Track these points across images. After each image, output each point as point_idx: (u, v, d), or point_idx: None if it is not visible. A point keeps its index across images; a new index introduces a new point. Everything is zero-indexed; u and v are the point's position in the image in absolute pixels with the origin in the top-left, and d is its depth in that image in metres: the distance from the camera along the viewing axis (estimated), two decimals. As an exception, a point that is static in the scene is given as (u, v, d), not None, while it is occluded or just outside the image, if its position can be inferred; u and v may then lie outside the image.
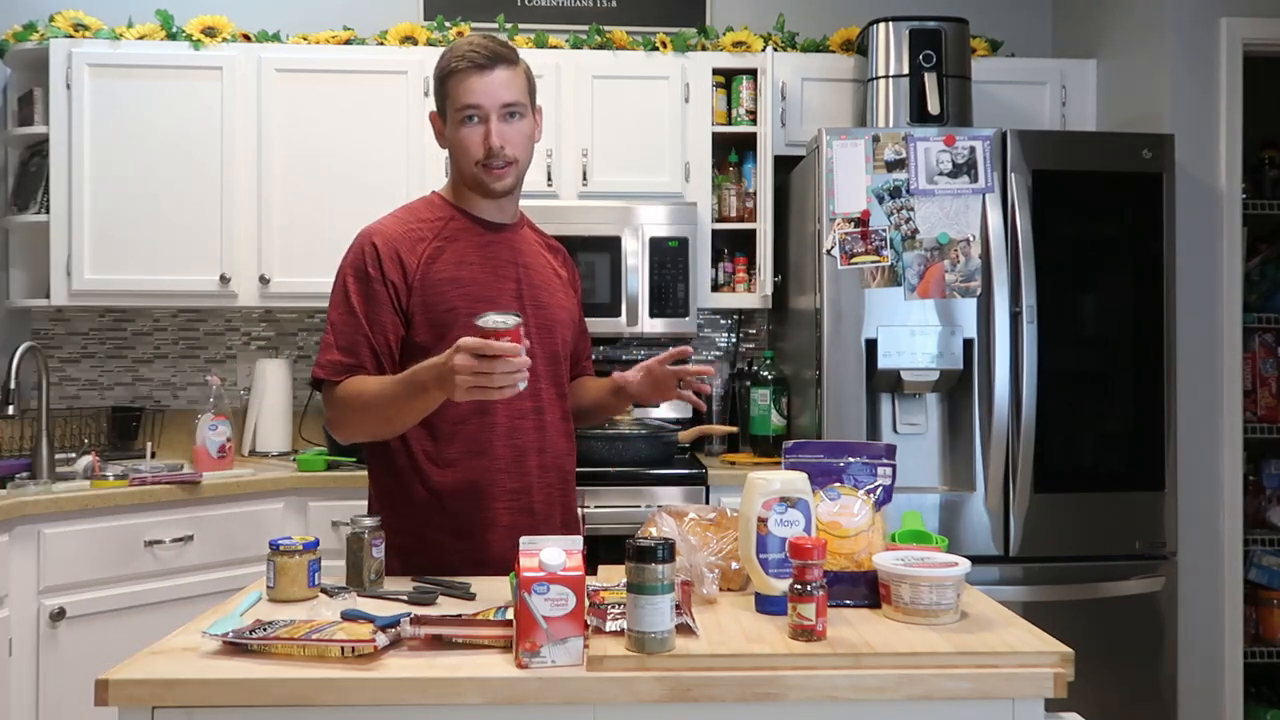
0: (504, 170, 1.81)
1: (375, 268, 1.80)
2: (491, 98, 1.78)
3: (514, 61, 1.81)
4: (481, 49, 1.78)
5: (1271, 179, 3.40)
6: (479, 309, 1.64)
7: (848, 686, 1.27)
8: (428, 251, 1.81)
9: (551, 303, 1.90)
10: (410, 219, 1.86)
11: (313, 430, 3.46)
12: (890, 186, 2.80)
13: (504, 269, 1.85)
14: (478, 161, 1.80)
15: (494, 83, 1.77)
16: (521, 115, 1.82)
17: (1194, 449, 3.01)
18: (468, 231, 1.85)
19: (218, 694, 1.24)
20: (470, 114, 1.78)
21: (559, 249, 2.03)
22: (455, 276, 1.80)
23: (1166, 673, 2.85)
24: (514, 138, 1.80)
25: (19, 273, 3.44)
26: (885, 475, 1.60)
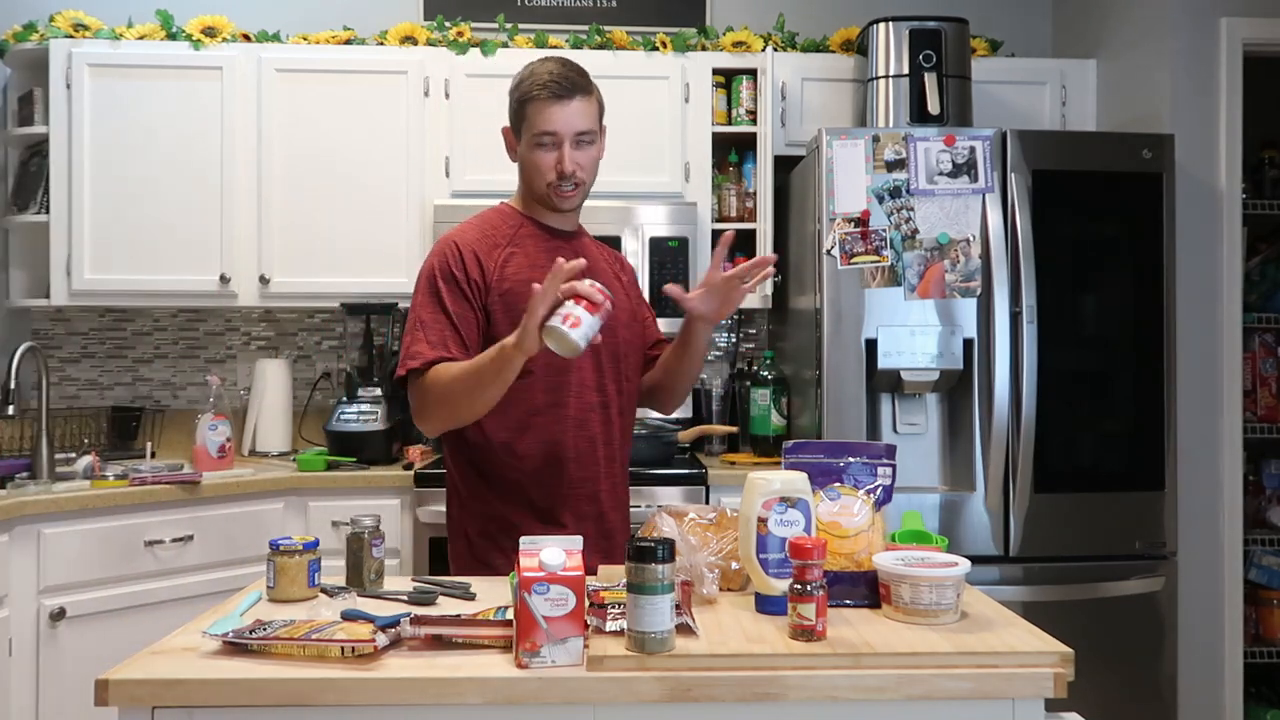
0: (573, 192, 1.96)
1: (459, 268, 1.92)
2: (567, 126, 1.91)
3: (589, 91, 1.96)
4: (562, 79, 1.90)
5: (1271, 179, 3.40)
6: None
7: (848, 686, 1.27)
8: (503, 255, 1.94)
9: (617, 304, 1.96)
10: (485, 226, 1.99)
11: (313, 430, 3.46)
12: (890, 186, 2.80)
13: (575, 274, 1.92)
14: (549, 183, 1.94)
15: (571, 112, 1.91)
16: (592, 141, 1.97)
17: (1194, 449, 3.01)
18: (537, 237, 1.98)
19: (218, 694, 1.24)
20: (546, 140, 1.91)
21: (616, 254, 2.18)
22: (530, 278, 1.84)
23: (1166, 673, 2.85)
24: (584, 162, 1.95)
25: (19, 273, 3.44)
26: (885, 475, 1.60)
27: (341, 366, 3.55)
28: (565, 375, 1.92)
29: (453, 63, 3.34)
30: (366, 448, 3.13)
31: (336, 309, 3.43)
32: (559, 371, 1.91)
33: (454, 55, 3.35)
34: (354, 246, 3.31)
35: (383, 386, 3.25)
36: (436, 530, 2.93)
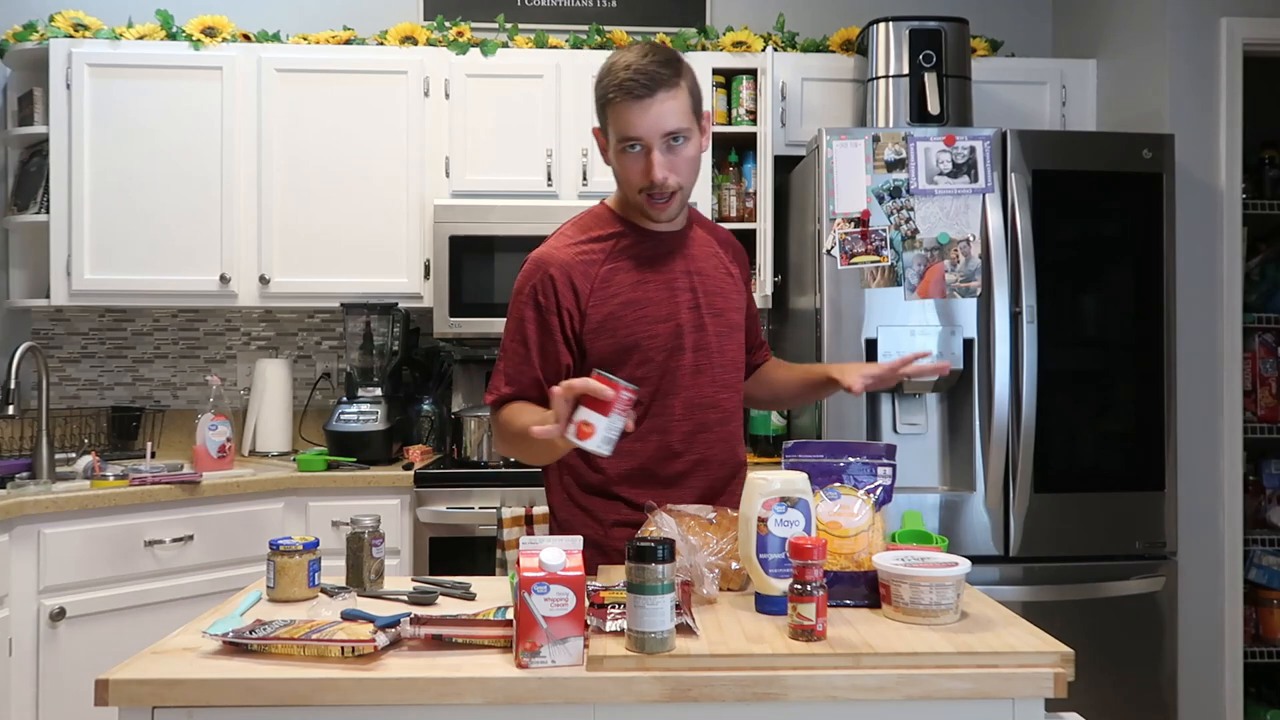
0: (668, 202, 1.75)
1: (549, 297, 1.76)
2: (653, 128, 1.69)
3: (676, 82, 1.70)
4: (640, 75, 1.67)
5: (1271, 179, 3.40)
6: (658, 330, 1.75)
7: (848, 686, 1.27)
8: (600, 275, 1.78)
9: (728, 307, 1.87)
10: (581, 239, 1.81)
11: (313, 430, 3.46)
12: (890, 186, 2.80)
13: (678, 281, 1.81)
14: (640, 190, 1.74)
15: (655, 112, 1.67)
16: (687, 138, 1.73)
17: (1194, 449, 3.01)
18: (637, 247, 1.81)
19: (218, 694, 1.24)
20: (632, 145, 1.71)
21: (730, 242, 1.97)
22: (631, 299, 1.78)
23: (1166, 673, 2.85)
24: (678, 165, 1.73)
25: (19, 273, 3.44)
26: (885, 475, 1.60)
27: (341, 366, 3.55)
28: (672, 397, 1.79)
29: (453, 63, 3.34)
30: (366, 448, 3.13)
31: (336, 309, 3.43)
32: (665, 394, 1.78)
33: (454, 55, 3.35)
34: (354, 246, 3.31)
35: (383, 386, 3.25)
36: (436, 530, 2.93)
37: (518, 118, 3.34)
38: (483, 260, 3.22)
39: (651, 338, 1.76)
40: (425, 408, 3.46)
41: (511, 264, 3.22)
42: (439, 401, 3.50)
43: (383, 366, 3.28)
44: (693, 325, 1.81)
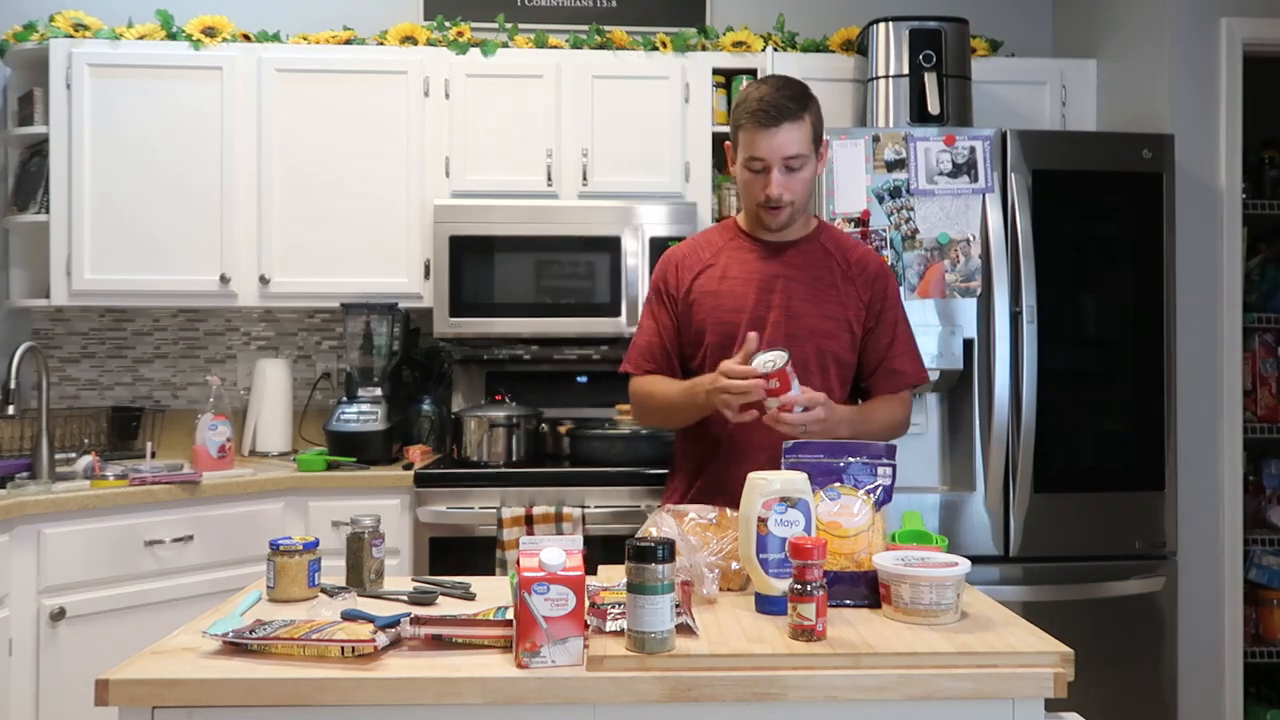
0: (779, 213, 2.01)
1: (662, 281, 2.14)
2: (775, 153, 1.95)
3: (800, 115, 1.96)
4: (770, 107, 1.93)
5: (1271, 179, 3.40)
6: (725, 317, 2.03)
7: (848, 686, 1.27)
8: (700, 269, 2.10)
9: (811, 311, 2.03)
10: (701, 241, 2.17)
11: (313, 430, 3.46)
12: (890, 186, 2.80)
13: (764, 281, 2.05)
14: (758, 203, 2.01)
15: (779, 139, 1.94)
16: (803, 164, 1.98)
17: (1194, 449, 3.01)
18: (743, 250, 2.09)
19: (218, 694, 1.24)
20: (755, 165, 1.98)
21: (861, 263, 2.10)
22: (714, 290, 2.07)
23: (1166, 673, 2.85)
24: (794, 185, 1.99)
25: (19, 273, 3.44)
26: (885, 475, 1.60)
27: (341, 366, 3.55)
28: None
29: (453, 63, 3.34)
30: (366, 448, 3.13)
31: (336, 309, 3.43)
32: None
33: (454, 55, 3.35)
34: (354, 246, 3.31)
35: (383, 386, 3.25)
36: (436, 530, 2.93)
37: (518, 118, 3.34)
38: (483, 260, 3.22)
39: (716, 324, 2.04)
40: (425, 408, 3.46)
41: (512, 264, 3.22)
42: (439, 401, 3.50)
43: (383, 366, 3.28)
44: (759, 322, 2.01)
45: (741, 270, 2.07)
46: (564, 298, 3.24)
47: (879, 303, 2.09)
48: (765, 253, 2.08)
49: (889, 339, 2.09)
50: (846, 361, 2.07)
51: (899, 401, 2.10)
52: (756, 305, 2.03)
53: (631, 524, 2.72)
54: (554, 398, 3.43)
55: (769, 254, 2.08)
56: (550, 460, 3.22)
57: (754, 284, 2.05)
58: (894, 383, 2.09)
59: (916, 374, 2.12)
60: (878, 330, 2.08)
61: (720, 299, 2.06)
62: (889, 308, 2.10)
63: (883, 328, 2.09)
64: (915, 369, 2.12)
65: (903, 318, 2.13)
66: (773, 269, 2.06)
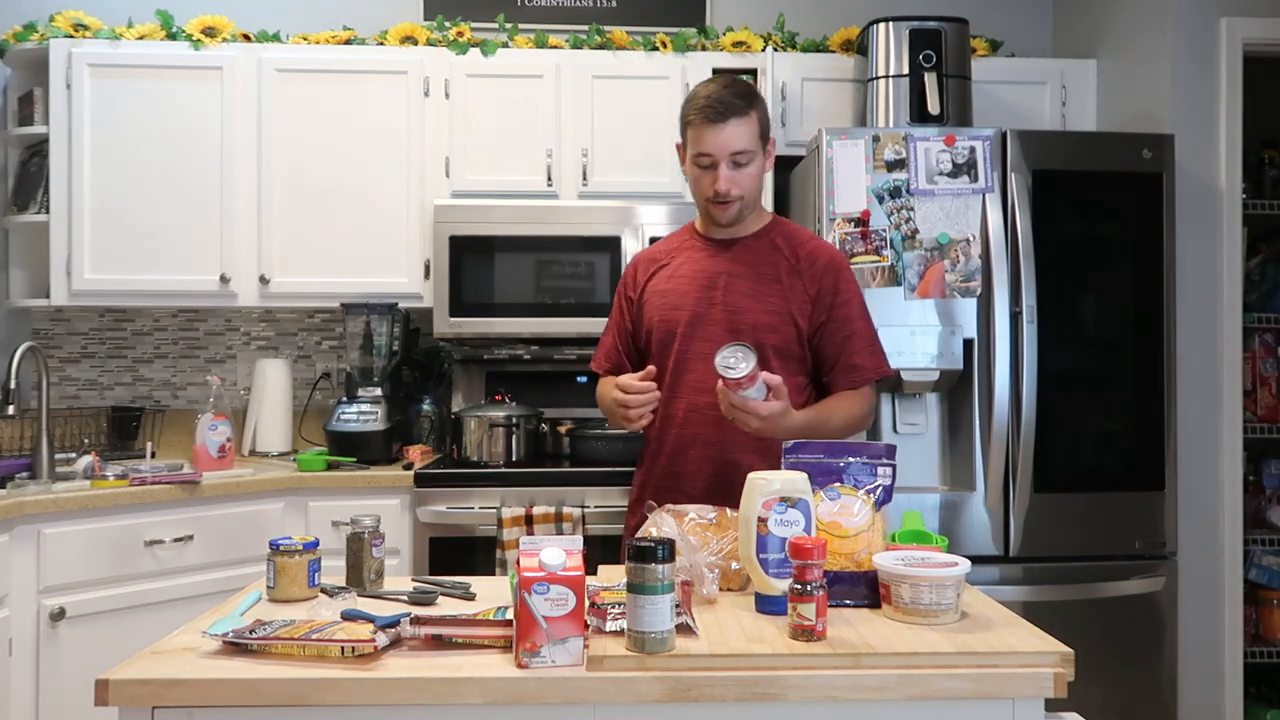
0: (728, 207, 2.05)
1: (623, 283, 2.24)
2: (721, 148, 2.00)
3: (747, 112, 2.01)
4: (717, 103, 1.99)
5: (1271, 179, 3.40)
6: (667, 315, 2.10)
7: (848, 686, 1.27)
8: (655, 269, 2.18)
9: (752, 306, 2.06)
10: (664, 242, 2.25)
11: (313, 430, 3.46)
12: (890, 186, 2.80)
13: (707, 279, 2.10)
14: (707, 199, 2.06)
15: (725, 135, 1.99)
16: (751, 160, 2.03)
17: (1194, 449, 3.01)
18: (694, 249, 2.15)
19: (218, 694, 1.24)
20: (703, 160, 2.03)
21: (811, 257, 2.10)
22: (662, 289, 2.14)
23: (1166, 673, 2.85)
24: (741, 180, 2.04)
25: (19, 273, 3.44)
26: (885, 475, 1.60)
27: (341, 366, 3.55)
28: (680, 376, 2.08)
29: (453, 63, 3.34)
30: (366, 448, 3.13)
31: (336, 309, 3.43)
32: (674, 373, 2.09)
33: (454, 55, 3.35)
34: (354, 246, 3.31)
35: (383, 386, 3.25)
36: (436, 530, 2.93)
37: (518, 118, 3.34)
38: (483, 260, 3.22)
39: (660, 322, 2.11)
40: (425, 408, 3.46)
41: (512, 264, 3.22)
42: (439, 401, 3.50)
43: (383, 366, 3.28)
44: (699, 318, 2.07)
45: (689, 269, 2.13)
46: (564, 298, 3.24)
47: (828, 296, 2.08)
48: (713, 250, 2.12)
49: (844, 334, 2.08)
50: (794, 354, 2.07)
51: (858, 397, 2.09)
52: (697, 302, 2.08)
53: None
54: (554, 398, 3.43)
55: (717, 251, 2.12)
56: (550, 460, 3.22)
57: (698, 281, 2.10)
58: (853, 378, 2.08)
59: (876, 368, 2.11)
60: (830, 325, 2.08)
61: (665, 297, 2.13)
62: (840, 302, 2.09)
63: (835, 323, 2.08)
64: (875, 363, 2.11)
65: (858, 312, 2.11)
66: (718, 266, 2.10)
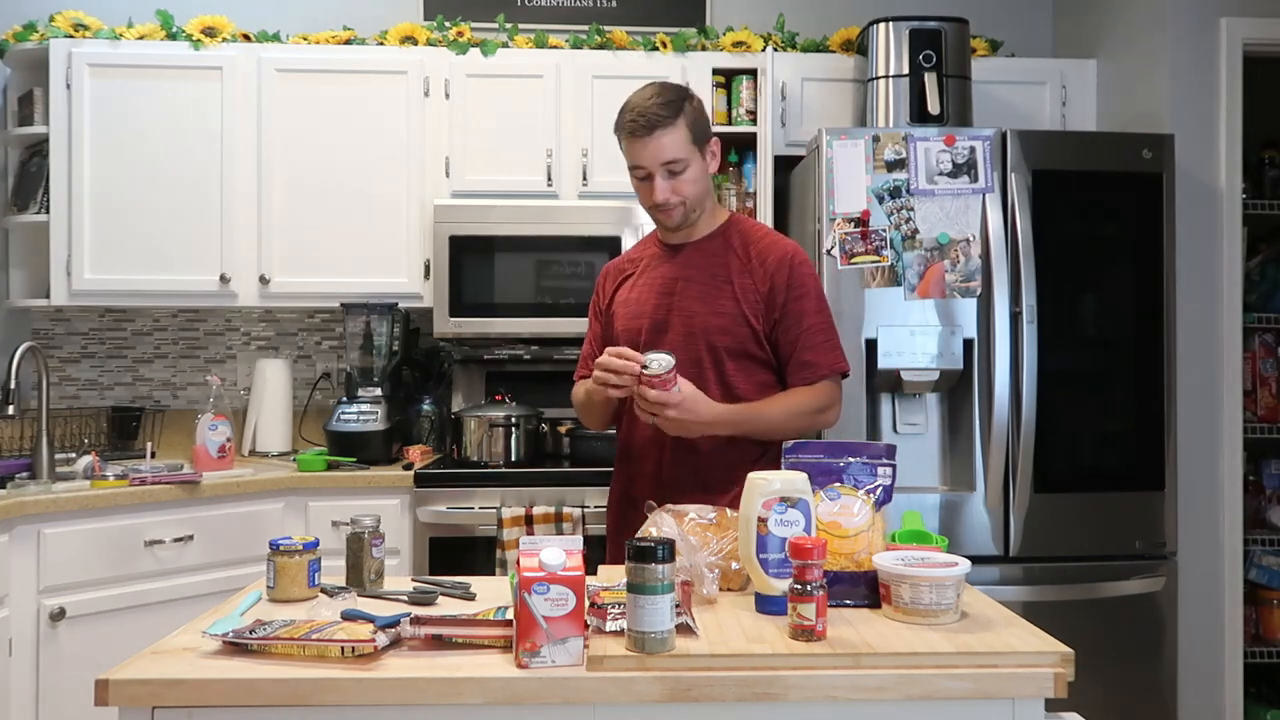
0: (670, 214, 2.06)
1: (595, 295, 2.26)
2: (652, 159, 2.01)
3: (673, 121, 1.99)
4: (640, 117, 1.99)
5: (1271, 179, 3.40)
6: (630, 324, 2.11)
7: (848, 686, 1.27)
8: (621, 279, 2.20)
9: (702, 309, 2.07)
10: (631, 251, 2.27)
11: (313, 430, 3.46)
12: (890, 186, 2.80)
13: (662, 285, 2.11)
14: (649, 208, 2.09)
15: (654, 147, 1.99)
16: (685, 166, 2.02)
17: (1194, 449, 3.01)
18: (654, 258, 2.17)
19: (218, 694, 1.24)
20: (639, 173, 2.05)
21: (763, 255, 2.08)
22: (625, 298, 2.17)
23: (1166, 673, 2.85)
24: (681, 187, 2.03)
25: (19, 273, 3.44)
26: (885, 475, 1.60)
27: (341, 366, 3.55)
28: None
29: (453, 63, 3.34)
30: (366, 448, 3.13)
31: (336, 309, 3.43)
32: None
33: (454, 55, 3.35)
34: (354, 246, 3.31)
35: (383, 386, 3.25)
36: (436, 530, 2.93)
37: (518, 118, 3.34)
38: (483, 260, 3.22)
39: (624, 331, 2.13)
40: (425, 408, 3.46)
41: (511, 264, 3.22)
42: (439, 401, 3.50)
43: (383, 366, 3.28)
44: (659, 325, 2.09)
45: (650, 277, 2.15)
46: (564, 298, 3.24)
47: (780, 294, 2.04)
48: (669, 256, 2.14)
49: (796, 330, 2.04)
50: (750, 354, 2.05)
51: (808, 391, 2.04)
52: (656, 309, 2.10)
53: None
54: (554, 398, 3.42)
55: (672, 257, 2.14)
56: (550, 460, 3.22)
57: (655, 289, 2.12)
58: (806, 375, 2.04)
59: (831, 364, 2.05)
60: (784, 322, 2.04)
61: (629, 306, 2.15)
62: (794, 298, 2.04)
63: (789, 319, 2.04)
64: (829, 359, 2.05)
65: (812, 307, 2.06)
66: (674, 272, 2.12)
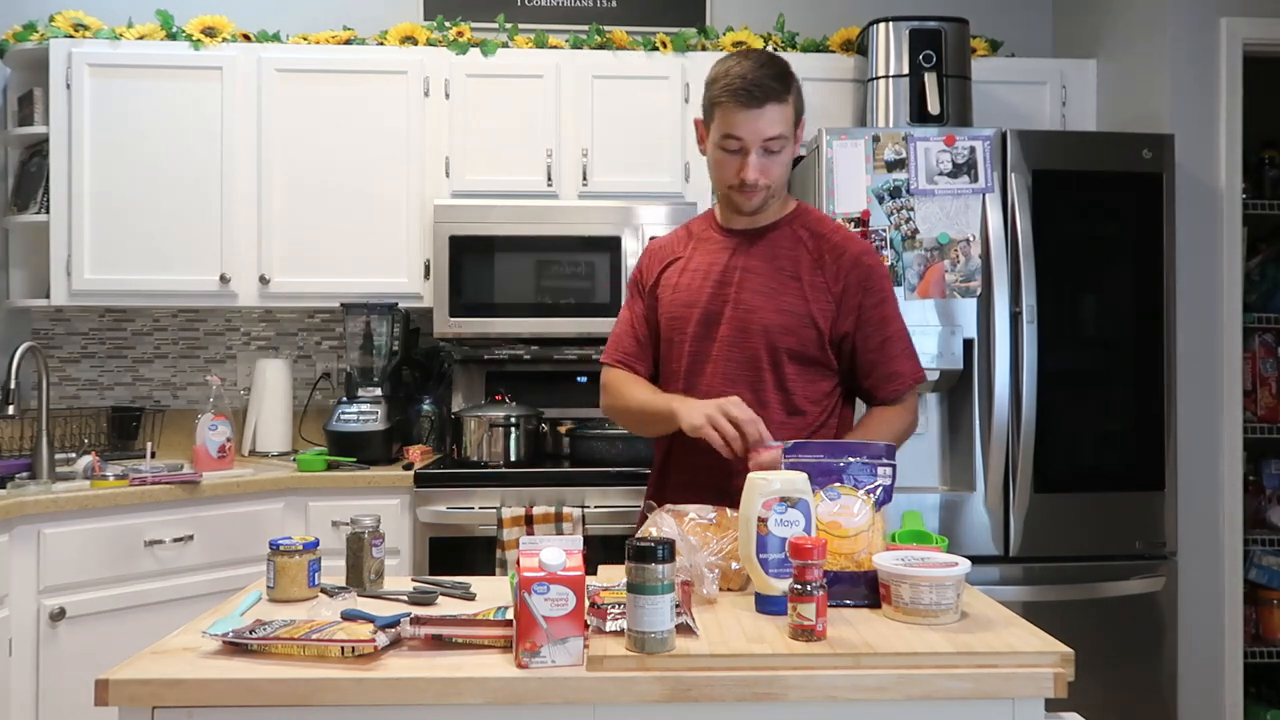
0: (753, 195, 1.90)
1: (638, 271, 2.10)
2: (755, 134, 1.84)
3: (785, 96, 1.84)
4: (753, 86, 1.82)
5: (1271, 179, 3.40)
6: (677, 312, 1.97)
7: (848, 686, 1.27)
8: (669, 261, 2.04)
9: (764, 305, 1.91)
10: (679, 232, 2.09)
11: (313, 430, 3.46)
12: (890, 186, 2.80)
13: (721, 274, 1.96)
14: (730, 186, 1.91)
15: (762, 120, 1.82)
16: (783, 147, 1.87)
17: (1194, 449, 3.01)
18: (710, 242, 2.01)
19: (218, 694, 1.24)
20: (732, 144, 1.86)
21: (836, 251, 1.94)
22: (675, 283, 2.01)
23: (1166, 673, 2.85)
24: (772, 169, 1.88)
25: (19, 273, 3.44)
26: (885, 475, 1.60)
27: (341, 366, 3.55)
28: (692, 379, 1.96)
29: (453, 63, 3.34)
30: (366, 448, 3.13)
31: (336, 309, 3.43)
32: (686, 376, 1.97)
33: (454, 55, 3.35)
34: (354, 246, 3.31)
35: (383, 386, 3.25)
36: (436, 530, 2.93)
37: (518, 118, 3.34)
38: (483, 260, 3.22)
39: (671, 320, 1.99)
40: (425, 408, 3.46)
41: (511, 264, 3.22)
42: (439, 401, 3.50)
43: (383, 366, 3.28)
44: (711, 317, 1.94)
45: (703, 262, 1.98)
46: (564, 298, 3.24)
47: (855, 296, 1.91)
48: (730, 243, 1.97)
49: (880, 337, 1.93)
50: (813, 359, 1.92)
51: (903, 410, 1.96)
52: (710, 299, 1.94)
53: (631, 524, 2.72)
54: (554, 398, 3.43)
55: (733, 244, 1.97)
56: (550, 460, 3.22)
57: (712, 277, 1.96)
58: (895, 387, 1.94)
59: (914, 373, 1.96)
60: (864, 329, 1.92)
61: (677, 293, 1.99)
62: (872, 303, 1.92)
63: (870, 325, 1.92)
64: (913, 368, 1.96)
65: (893, 312, 1.95)
66: (735, 260, 1.95)
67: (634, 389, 2.01)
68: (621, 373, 2.05)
